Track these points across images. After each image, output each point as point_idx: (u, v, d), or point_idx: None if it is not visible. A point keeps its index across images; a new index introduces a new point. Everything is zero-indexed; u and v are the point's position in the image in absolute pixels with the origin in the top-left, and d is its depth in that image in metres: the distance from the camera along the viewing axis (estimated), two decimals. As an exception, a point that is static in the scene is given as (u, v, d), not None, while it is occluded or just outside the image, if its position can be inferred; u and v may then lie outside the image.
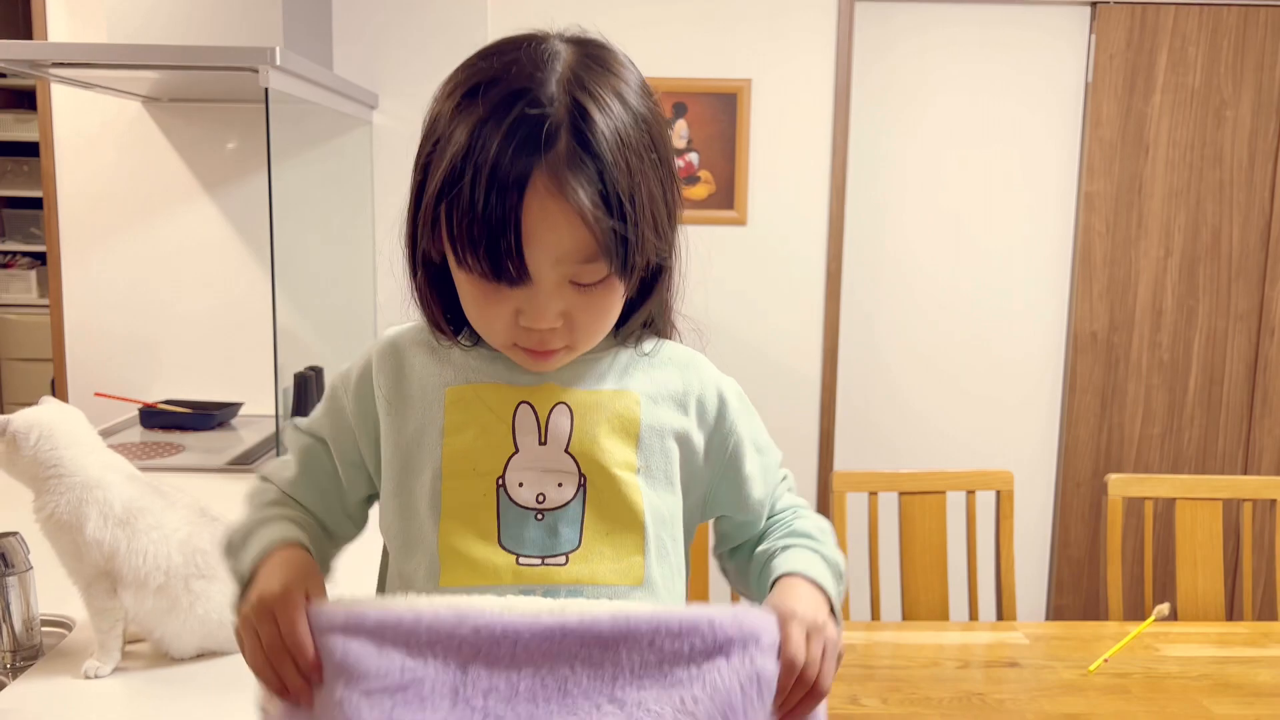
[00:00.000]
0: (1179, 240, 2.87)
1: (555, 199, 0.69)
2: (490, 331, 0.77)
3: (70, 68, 2.02)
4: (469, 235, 0.70)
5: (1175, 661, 1.65)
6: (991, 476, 1.97)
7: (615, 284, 0.75)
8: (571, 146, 0.69)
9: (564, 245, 0.71)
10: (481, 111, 0.71)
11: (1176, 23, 2.79)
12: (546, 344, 0.76)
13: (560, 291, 0.74)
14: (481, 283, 0.73)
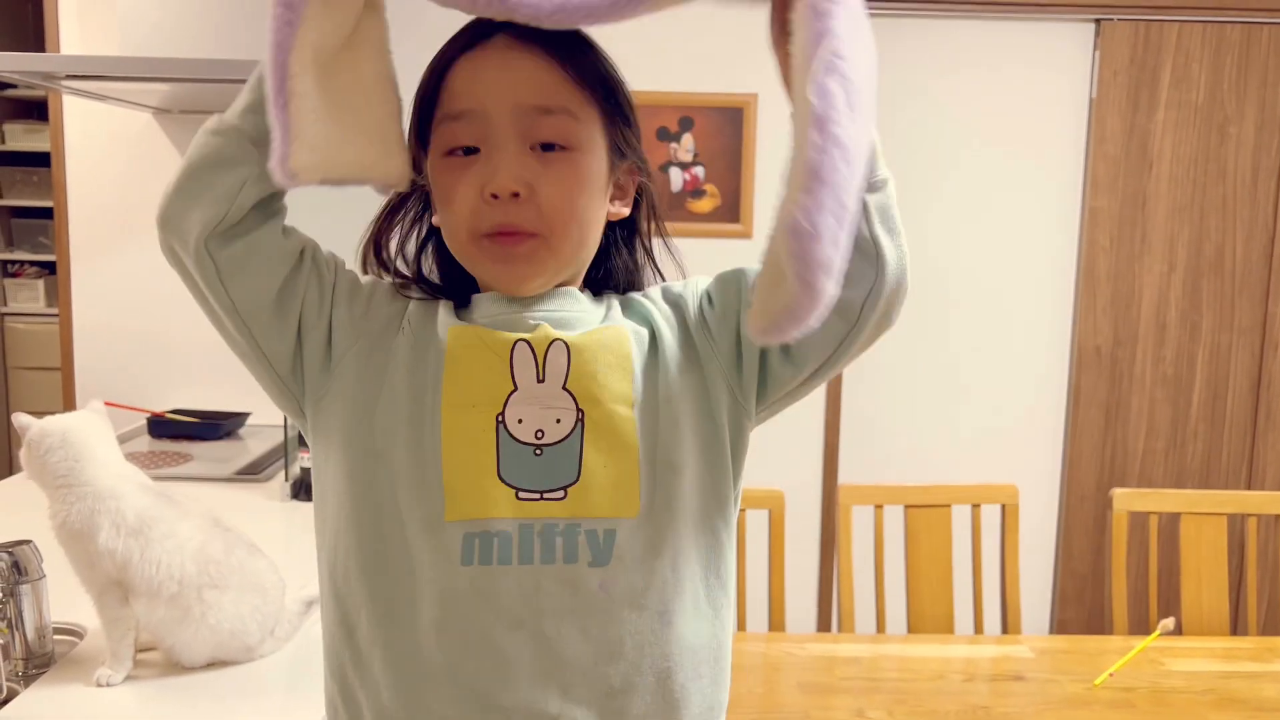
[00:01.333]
0: (1183, 255, 2.88)
1: (514, 49, 0.76)
2: (457, 218, 0.79)
3: (82, 80, 2.04)
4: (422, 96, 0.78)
5: (1180, 676, 1.65)
6: (996, 490, 1.97)
7: (583, 156, 0.79)
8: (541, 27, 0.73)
9: (521, 87, 0.76)
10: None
11: (1180, 39, 2.80)
12: (512, 219, 0.77)
13: (523, 153, 0.77)
14: (451, 165, 0.78)
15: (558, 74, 0.76)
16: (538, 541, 0.78)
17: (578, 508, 0.78)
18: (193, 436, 2.35)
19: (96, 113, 2.46)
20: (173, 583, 1.17)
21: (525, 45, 0.75)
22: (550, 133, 0.77)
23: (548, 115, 0.76)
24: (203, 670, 1.21)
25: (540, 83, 0.76)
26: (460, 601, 0.78)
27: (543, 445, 0.79)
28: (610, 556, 0.78)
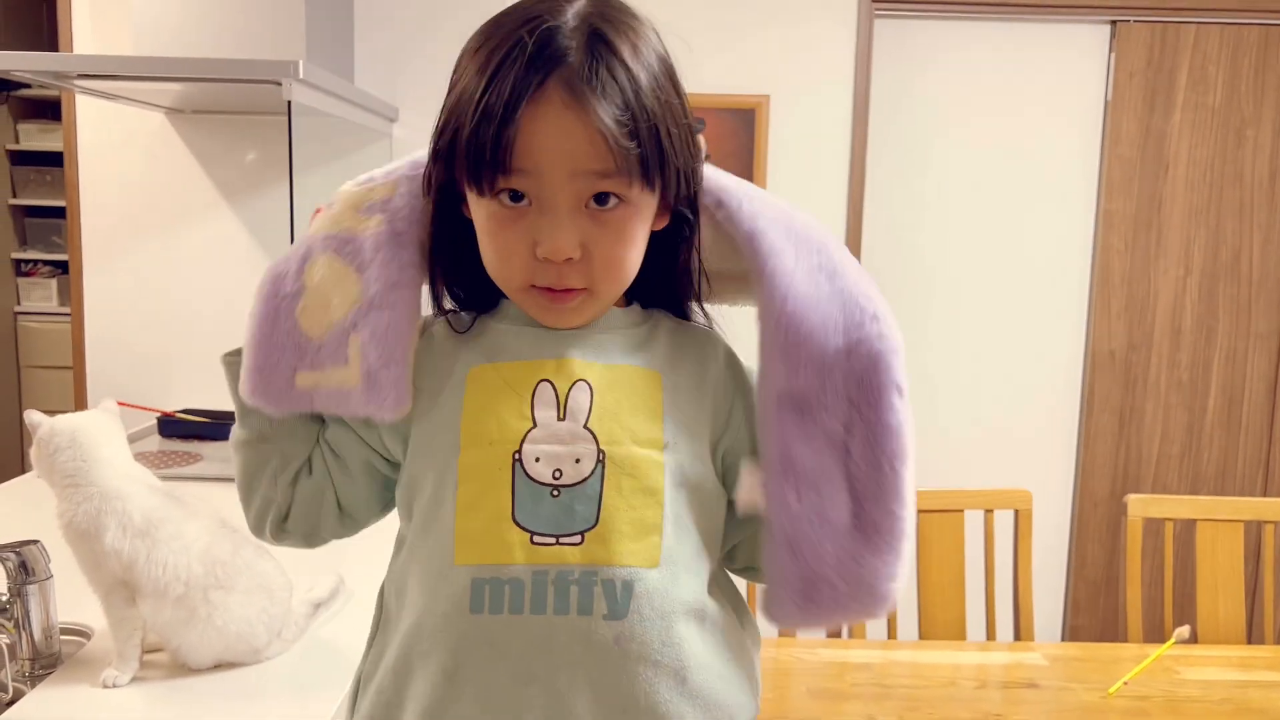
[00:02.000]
0: (1198, 259, 2.85)
1: (570, 110, 0.71)
2: (507, 269, 0.77)
3: (95, 79, 2.04)
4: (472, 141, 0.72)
5: (1196, 685, 1.63)
6: (1010, 495, 1.95)
7: (634, 216, 0.75)
8: (587, 60, 0.71)
9: (578, 155, 0.71)
10: (495, 40, 0.73)
11: (1197, 41, 2.78)
12: (564, 279, 0.75)
13: (577, 216, 0.74)
14: (498, 212, 0.74)
15: (612, 139, 0.71)
16: (551, 590, 0.74)
17: (595, 554, 0.75)
18: (203, 436, 2.35)
19: (109, 112, 2.47)
20: (179, 584, 1.16)
21: (582, 106, 0.70)
22: (605, 190, 0.74)
23: (605, 179, 0.73)
24: (209, 672, 1.21)
25: (598, 150, 0.71)
26: (471, 650, 0.76)
27: (560, 486, 0.76)
28: (627, 609, 0.75)
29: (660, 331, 0.85)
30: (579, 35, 0.71)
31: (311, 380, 0.82)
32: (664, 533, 0.77)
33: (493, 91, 0.71)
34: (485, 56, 0.72)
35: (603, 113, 0.70)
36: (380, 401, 0.79)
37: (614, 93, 0.71)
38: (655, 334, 0.84)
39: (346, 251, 0.81)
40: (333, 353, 0.80)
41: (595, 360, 0.79)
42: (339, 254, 0.81)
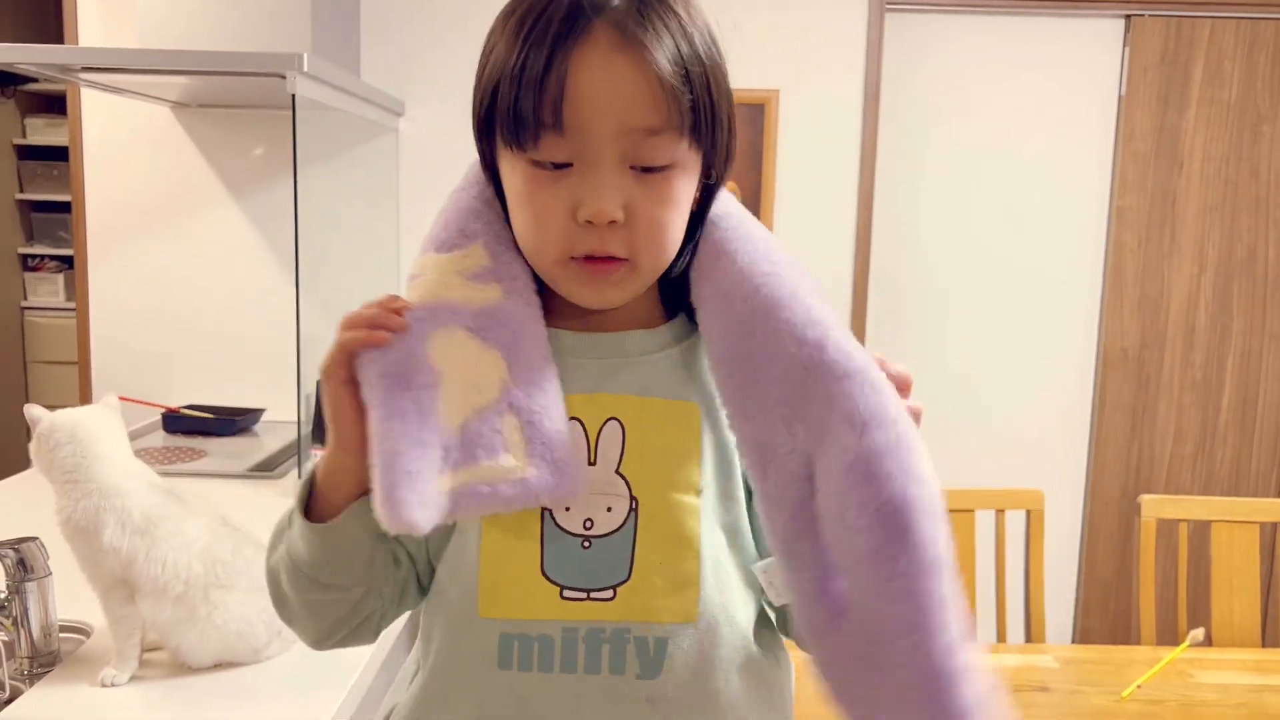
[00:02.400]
0: (1213, 256, 2.82)
1: (621, 53, 0.65)
2: (543, 236, 0.70)
3: (100, 72, 2.03)
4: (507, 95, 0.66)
5: (1210, 689, 1.61)
6: (1022, 495, 1.93)
7: (679, 177, 0.70)
8: (635, 6, 0.67)
9: (629, 106, 0.66)
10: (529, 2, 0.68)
11: (1213, 36, 2.74)
12: (606, 245, 0.69)
13: (621, 174, 0.68)
14: (535, 174, 0.69)
15: (668, 86, 0.66)
16: (582, 647, 0.71)
17: (628, 610, 0.71)
18: (207, 432, 2.34)
19: (115, 107, 2.46)
20: (179, 582, 1.15)
21: (633, 48, 0.65)
22: (653, 155, 0.68)
23: (653, 136, 0.67)
24: (209, 671, 1.19)
25: (650, 101, 0.66)
26: (498, 707, 0.73)
27: (591, 537, 0.71)
28: (660, 668, 0.71)
29: (699, 353, 0.78)
30: None
31: (454, 480, 0.68)
32: (703, 584, 0.72)
33: (533, 40, 0.65)
34: (522, 14, 0.68)
35: (658, 54, 0.65)
36: (571, 484, 0.69)
37: (667, 37, 0.66)
38: (694, 355, 0.78)
39: (476, 326, 0.71)
40: (487, 443, 0.69)
41: (629, 393, 0.74)
42: (471, 330, 0.71)
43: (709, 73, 0.70)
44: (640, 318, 0.77)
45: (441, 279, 0.72)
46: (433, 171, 2.60)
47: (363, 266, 2.56)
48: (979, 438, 2.90)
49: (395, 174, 2.62)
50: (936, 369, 2.89)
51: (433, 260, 0.74)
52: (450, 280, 0.72)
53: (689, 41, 0.68)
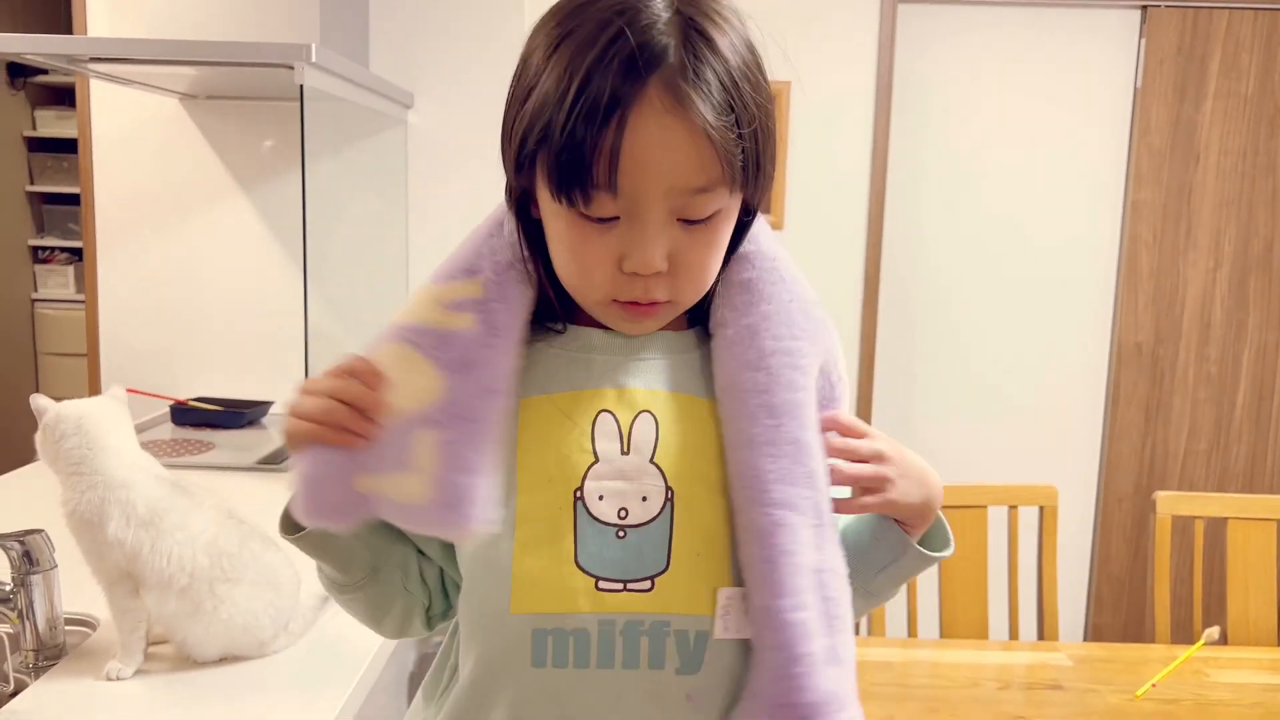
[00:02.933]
0: (1229, 251, 2.79)
1: (673, 114, 0.64)
2: (588, 284, 0.70)
3: (108, 63, 2.02)
4: (559, 156, 0.64)
5: (1226, 688, 1.59)
6: (1035, 491, 1.91)
7: (723, 222, 0.70)
8: (686, 59, 0.64)
9: (680, 169, 0.65)
10: (579, 34, 0.65)
11: (1230, 27, 2.71)
12: (651, 293, 0.69)
13: (668, 229, 0.67)
14: (581, 224, 0.67)
15: (719, 147, 0.65)
16: (620, 641, 0.69)
17: (666, 602, 0.69)
18: (216, 424, 2.33)
19: (124, 99, 2.45)
20: (184, 575, 1.14)
21: (685, 109, 0.64)
22: (700, 209, 0.68)
23: (702, 193, 0.67)
24: (215, 665, 1.18)
25: (701, 162, 0.65)
26: (533, 706, 0.71)
27: (627, 526, 0.70)
28: (700, 663, 0.70)
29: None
30: (674, 28, 0.64)
31: (372, 484, 0.69)
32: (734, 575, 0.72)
33: (589, 99, 0.63)
34: (571, 52, 0.65)
35: (708, 114, 0.64)
36: (459, 519, 0.68)
37: (716, 90, 0.65)
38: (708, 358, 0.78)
39: (424, 343, 0.70)
40: (395, 455, 0.68)
41: (659, 388, 0.74)
42: (412, 344, 0.71)
43: (758, 115, 0.68)
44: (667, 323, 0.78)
45: (419, 304, 0.73)
46: (441, 164, 2.59)
47: (371, 259, 2.55)
48: (992, 433, 2.88)
49: (404, 166, 2.61)
50: (949, 363, 2.87)
51: (424, 288, 0.75)
52: (427, 307, 0.72)
53: (738, 84, 0.66)
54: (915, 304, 2.85)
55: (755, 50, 0.70)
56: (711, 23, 0.66)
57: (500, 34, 2.45)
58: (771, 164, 0.71)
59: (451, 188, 2.58)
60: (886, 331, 2.83)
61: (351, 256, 2.42)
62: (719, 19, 0.67)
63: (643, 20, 0.64)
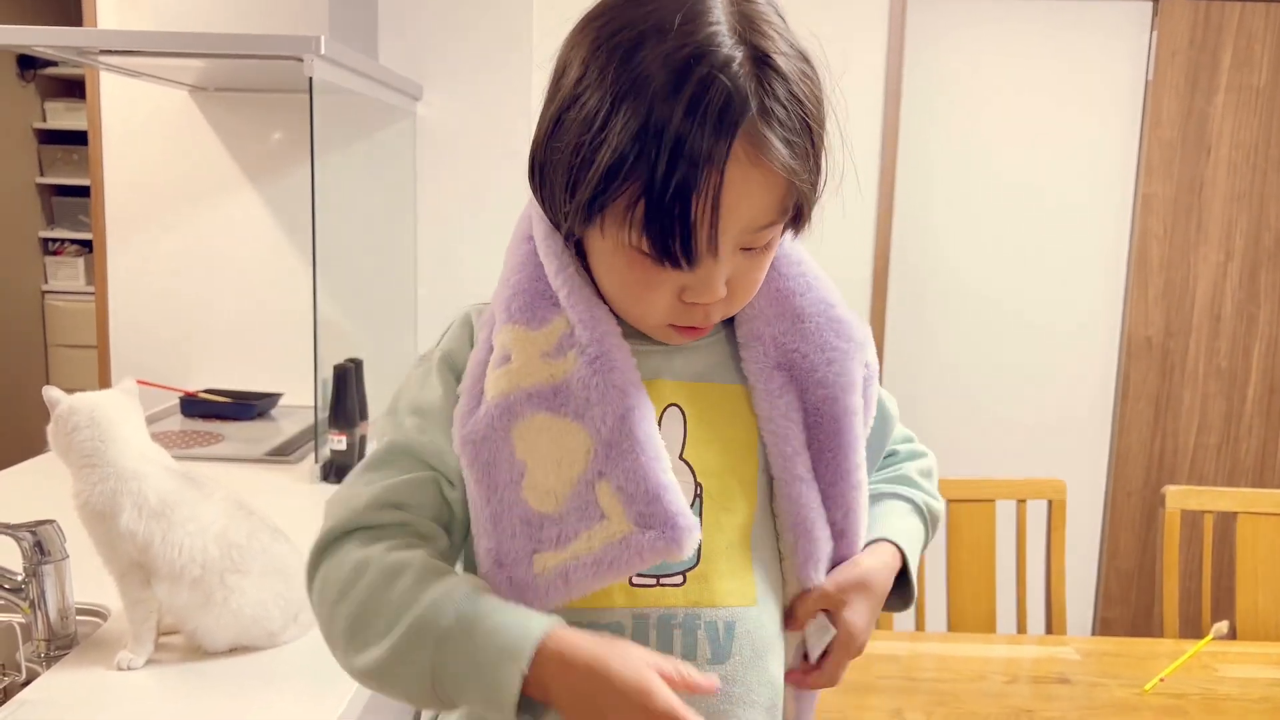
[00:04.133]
0: (1240, 244, 2.78)
1: (757, 165, 0.64)
2: (647, 314, 0.71)
3: (118, 55, 2.02)
4: (658, 219, 0.63)
5: (1235, 683, 1.58)
6: (1043, 485, 1.91)
7: (776, 239, 0.72)
8: (765, 101, 0.64)
9: (757, 212, 0.66)
10: (654, 78, 0.62)
11: (1242, 20, 2.69)
12: (710, 319, 0.72)
13: (731, 259, 0.69)
14: (645, 265, 0.67)
15: (792, 186, 0.67)
16: (654, 634, 0.71)
17: (698, 595, 0.71)
18: (225, 416, 2.34)
19: (133, 91, 2.45)
20: (195, 566, 1.15)
21: (765, 158, 0.64)
22: (763, 240, 0.70)
23: (768, 229, 0.69)
24: (225, 656, 1.19)
25: (775, 204, 0.67)
26: None
27: None
28: (730, 652, 0.72)
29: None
30: (748, 64, 0.63)
31: (557, 559, 0.69)
32: (753, 570, 0.74)
33: (682, 156, 0.61)
34: (651, 100, 0.62)
35: (787, 157, 0.65)
36: (678, 537, 0.67)
37: (790, 128, 0.65)
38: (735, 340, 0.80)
39: (555, 403, 0.70)
40: (580, 517, 0.69)
41: (684, 379, 0.75)
42: (548, 410, 0.70)
43: (816, 134, 0.69)
44: None
45: (525, 365, 0.71)
46: (451, 156, 2.59)
47: (380, 251, 2.55)
48: (1000, 426, 2.88)
49: (413, 159, 2.61)
50: (957, 356, 2.86)
51: (518, 338, 0.72)
52: (533, 365, 0.71)
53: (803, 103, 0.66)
54: (924, 297, 2.84)
55: (800, 47, 0.70)
56: (771, 43, 0.65)
57: (509, 26, 2.45)
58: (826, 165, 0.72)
59: (460, 179, 2.58)
60: (895, 324, 2.83)
61: (360, 248, 2.42)
62: (773, 33, 0.66)
63: (719, 61, 0.62)
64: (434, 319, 2.52)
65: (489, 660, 0.63)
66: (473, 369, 0.73)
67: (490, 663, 0.63)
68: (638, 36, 0.63)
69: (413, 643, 0.65)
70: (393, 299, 2.61)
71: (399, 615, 0.66)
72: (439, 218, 2.63)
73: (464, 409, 0.72)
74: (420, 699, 0.67)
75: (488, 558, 0.71)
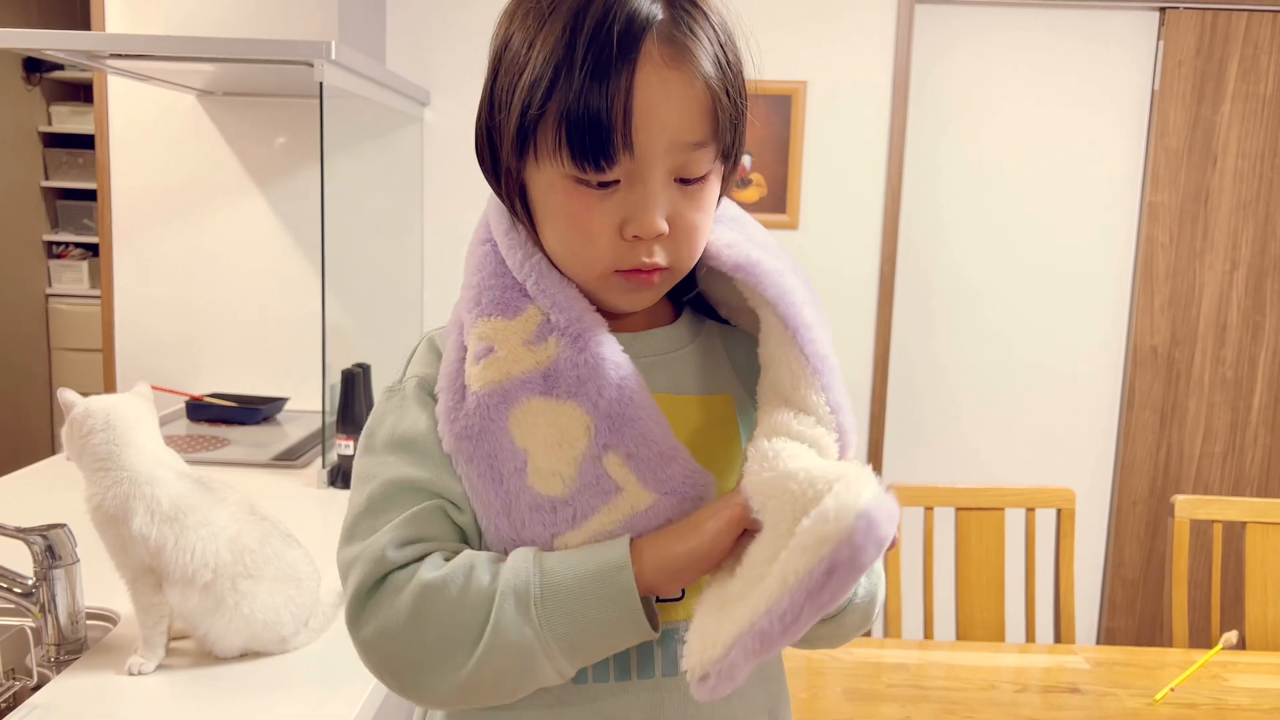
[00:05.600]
0: (1246, 253, 2.78)
1: (673, 68, 0.65)
2: (591, 253, 0.70)
3: (127, 59, 2.03)
4: (577, 123, 0.64)
5: (1245, 693, 1.58)
6: (1052, 494, 1.90)
7: (713, 181, 0.71)
8: (679, 15, 0.66)
9: (683, 122, 0.66)
10: (565, 8, 0.66)
11: (1249, 30, 2.70)
12: (654, 257, 0.69)
13: (667, 190, 0.68)
14: (581, 193, 0.68)
15: (717, 99, 0.67)
16: (659, 651, 0.71)
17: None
18: (231, 420, 2.34)
19: (141, 95, 2.46)
20: (206, 571, 1.14)
21: (683, 63, 0.66)
22: (696, 167, 0.69)
23: (699, 149, 0.68)
24: (236, 661, 1.19)
25: (700, 115, 0.67)
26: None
27: None
28: None
29: (715, 341, 0.80)
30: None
31: (578, 539, 0.69)
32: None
33: (591, 59, 0.64)
34: (564, 23, 0.65)
35: (706, 66, 0.66)
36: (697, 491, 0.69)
37: (708, 44, 0.67)
38: (712, 347, 0.80)
39: (545, 386, 0.70)
40: (593, 494, 0.69)
41: (664, 392, 0.74)
42: (542, 394, 0.70)
43: (740, 77, 0.71)
44: (656, 317, 0.78)
45: (511, 355, 0.71)
46: (457, 161, 2.59)
47: (386, 256, 2.55)
48: (1005, 434, 2.87)
49: (420, 163, 2.61)
50: (963, 364, 2.86)
51: (497, 329, 0.72)
52: (518, 354, 0.71)
53: (723, 46, 0.69)
54: (930, 305, 2.84)
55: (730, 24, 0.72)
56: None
57: (517, 32, 2.45)
58: (744, 133, 0.72)
59: (467, 184, 2.58)
60: (901, 332, 2.83)
61: (367, 253, 2.42)
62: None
63: None
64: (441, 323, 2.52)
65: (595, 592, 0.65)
66: (447, 370, 0.73)
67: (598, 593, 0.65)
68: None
69: (510, 620, 0.65)
70: (399, 303, 2.61)
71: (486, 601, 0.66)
72: (446, 222, 2.63)
73: (448, 406, 0.71)
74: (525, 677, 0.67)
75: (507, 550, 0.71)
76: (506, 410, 0.70)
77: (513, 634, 0.65)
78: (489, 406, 0.70)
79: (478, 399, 0.70)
